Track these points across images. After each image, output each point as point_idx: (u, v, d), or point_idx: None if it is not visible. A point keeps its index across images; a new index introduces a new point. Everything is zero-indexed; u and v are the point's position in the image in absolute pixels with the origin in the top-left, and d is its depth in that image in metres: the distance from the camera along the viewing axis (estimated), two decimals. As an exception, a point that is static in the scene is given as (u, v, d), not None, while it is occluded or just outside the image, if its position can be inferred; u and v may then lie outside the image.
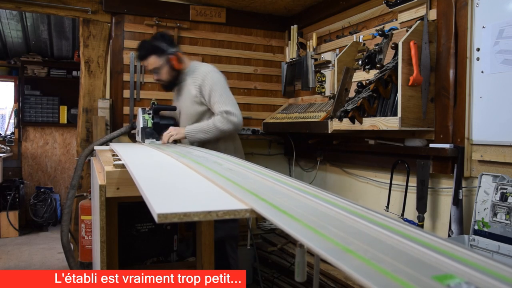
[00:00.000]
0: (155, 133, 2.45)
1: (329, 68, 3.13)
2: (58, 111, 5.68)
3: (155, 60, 2.46)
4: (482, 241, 1.89)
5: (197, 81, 2.43)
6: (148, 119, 2.46)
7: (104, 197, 1.45)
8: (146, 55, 2.47)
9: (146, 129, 2.45)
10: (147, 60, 2.48)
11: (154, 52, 2.45)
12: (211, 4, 3.46)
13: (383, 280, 0.43)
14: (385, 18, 2.70)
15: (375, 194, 2.81)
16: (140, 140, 2.49)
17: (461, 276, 0.45)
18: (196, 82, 2.44)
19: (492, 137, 2.02)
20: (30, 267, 3.79)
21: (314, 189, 0.94)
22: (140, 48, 2.54)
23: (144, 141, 2.43)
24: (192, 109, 2.47)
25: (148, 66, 2.51)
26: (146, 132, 2.44)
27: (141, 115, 2.48)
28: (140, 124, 2.49)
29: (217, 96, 2.36)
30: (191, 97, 2.45)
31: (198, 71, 2.48)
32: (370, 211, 0.74)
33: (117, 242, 1.74)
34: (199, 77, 2.43)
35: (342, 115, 2.47)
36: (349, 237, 0.57)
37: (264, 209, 0.72)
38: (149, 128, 2.45)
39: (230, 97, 2.41)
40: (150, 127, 2.46)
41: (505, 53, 1.96)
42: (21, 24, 4.94)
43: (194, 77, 2.46)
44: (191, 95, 2.45)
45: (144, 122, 2.46)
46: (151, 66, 2.48)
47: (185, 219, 0.71)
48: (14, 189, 5.08)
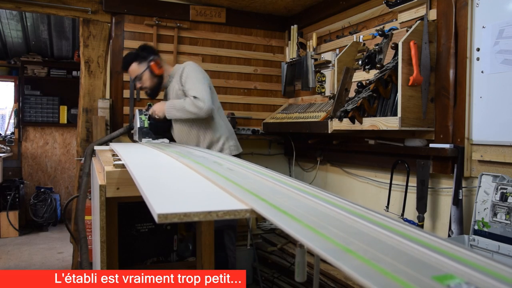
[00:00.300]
0: (151, 133, 2.60)
1: (329, 68, 3.13)
2: (58, 111, 5.68)
3: (136, 67, 2.59)
4: (482, 241, 1.89)
5: (177, 75, 2.58)
6: (144, 120, 2.61)
7: (104, 197, 1.45)
8: (127, 63, 2.61)
9: (142, 129, 2.59)
10: (129, 69, 2.62)
11: (134, 59, 2.59)
12: (211, 4, 3.46)
13: (383, 280, 0.43)
14: (385, 18, 2.70)
15: (375, 194, 2.81)
16: (137, 139, 2.62)
17: (461, 276, 0.45)
18: (177, 77, 2.58)
19: (492, 137, 2.02)
20: (30, 267, 3.79)
21: (314, 189, 0.94)
22: (123, 59, 2.71)
23: (141, 140, 2.57)
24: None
25: (131, 75, 2.64)
26: (142, 132, 2.59)
27: (138, 116, 2.64)
28: (137, 124, 2.63)
29: (190, 83, 2.49)
30: (176, 91, 2.57)
31: (178, 69, 2.61)
32: (370, 211, 0.74)
33: (117, 242, 1.74)
34: (179, 71, 2.57)
35: (342, 115, 2.47)
36: (349, 237, 0.57)
37: (264, 209, 0.72)
38: (145, 128, 2.60)
39: (202, 86, 2.48)
40: (147, 127, 2.60)
41: (505, 53, 1.96)
42: (21, 24, 4.94)
43: (176, 75, 2.60)
44: (176, 90, 2.57)
45: (141, 123, 2.61)
46: (133, 74, 2.61)
47: (185, 219, 0.71)
48: (14, 189, 5.08)
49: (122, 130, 2.83)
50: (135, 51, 2.66)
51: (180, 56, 3.42)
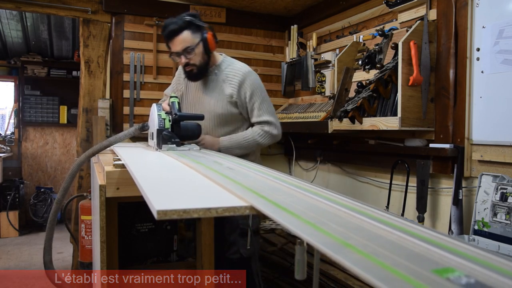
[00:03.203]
0: (175, 137, 1.87)
1: (329, 68, 3.13)
2: (58, 111, 5.69)
3: (188, 36, 2.01)
4: (482, 241, 1.89)
5: (235, 78, 2.09)
6: (165, 118, 1.89)
7: (104, 197, 1.45)
8: (179, 29, 2.00)
9: (163, 131, 1.86)
10: (178, 36, 2.01)
11: (188, 26, 2.01)
12: (211, 4, 3.47)
13: (383, 273, 0.43)
14: (385, 18, 2.70)
15: (375, 194, 2.81)
16: (154, 145, 1.90)
17: (461, 270, 0.45)
18: (233, 80, 2.09)
19: (492, 137, 2.02)
20: (30, 267, 3.79)
21: (314, 187, 0.94)
22: (169, 23, 2.03)
23: (160, 147, 1.85)
24: (223, 109, 2.11)
25: (177, 46, 2.03)
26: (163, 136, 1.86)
27: (156, 113, 1.90)
28: (155, 124, 1.89)
29: (257, 102, 2.08)
30: (224, 96, 2.09)
31: (235, 68, 2.13)
32: (369, 208, 0.74)
33: (117, 242, 1.73)
34: (238, 75, 2.09)
35: (342, 115, 2.47)
36: (348, 232, 0.57)
37: (263, 206, 0.72)
38: (166, 131, 1.87)
39: (271, 105, 2.15)
40: (168, 128, 1.89)
41: (505, 53, 1.96)
42: (21, 24, 4.95)
43: (230, 74, 2.11)
44: (224, 94, 2.09)
45: (160, 123, 1.88)
46: (182, 44, 2.02)
47: (184, 216, 0.71)
48: (14, 189, 5.09)
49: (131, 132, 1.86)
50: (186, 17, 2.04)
51: (180, 56, 3.42)
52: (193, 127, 1.97)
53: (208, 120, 2.11)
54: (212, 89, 2.13)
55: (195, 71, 2.09)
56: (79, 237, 2.63)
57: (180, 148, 1.86)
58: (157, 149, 1.86)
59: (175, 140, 1.87)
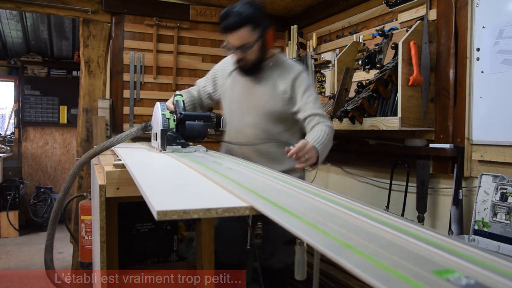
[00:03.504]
0: (180, 138, 1.79)
1: (329, 68, 3.13)
2: (58, 111, 5.69)
3: (248, 33, 1.87)
4: (482, 241, 1.89)
5: (289, 75, 2.00)
6: (170, 118, 1.83)
7: (104, 197, 1.45)
8: (240, 24, 1.85)
9: (167, 132, 1.79)
10: (236, 32, 1.87)
11: (250, 21, 1.85)
12: (211, 4, 3.47)
13: (383, 274, 0.43)
14: (385, 18, 2.70)
15: (375, 194, 2.81)
16: (158, 146, 1.83)
17: (461, 271, 0.45)
18: (287, 76, 2.00)
19: (492, 137, 2.02)
20: (30, 267, 3.79)
21: (314, 187, 0.94)
22: (230, 14, 1.86)
23: (165, 149, 1.77)
24: (275, 106, 2.00)
25: (234, 41, 1.90)
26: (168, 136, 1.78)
27: (160, 112, 1.83)
28: (159, 124, 1.81)
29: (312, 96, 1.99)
30: (277, 92, 1.99)
31: (289, 66, 2.06)
32: (369, 208, 0.74)
33: (117, 242, 1.73)
34: (292, 72, 2.01)
35: (342, 115, 2.47)
36: (348, 233, 0.57)
37: (264, 207, 0.72)
38: (171, 131, 1.80)
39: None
40: (173, 128, 1.81)
41: (505, 53, 1.96)
42: (21, 24, 4.95)
43: (284, 71, 2.02)
44: (277, 90, 1.99)
45: (164, 122, 1.80)
46: (240, 41, 1.89)
47: (184, 216, 0.71)
48: (14, 189, 5.08)
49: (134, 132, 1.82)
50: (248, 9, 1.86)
51: (180, 56, 3.43)
52: (199, 127, 1.86)
53: (257, 116, 2.02)
54: (265, 84, 2.02)
55: (248, 66, 1.98)
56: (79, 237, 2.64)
57: (186, 150, 1.78)
58: (161, 151, 1.79)
59: (180, 141, 1.79)
